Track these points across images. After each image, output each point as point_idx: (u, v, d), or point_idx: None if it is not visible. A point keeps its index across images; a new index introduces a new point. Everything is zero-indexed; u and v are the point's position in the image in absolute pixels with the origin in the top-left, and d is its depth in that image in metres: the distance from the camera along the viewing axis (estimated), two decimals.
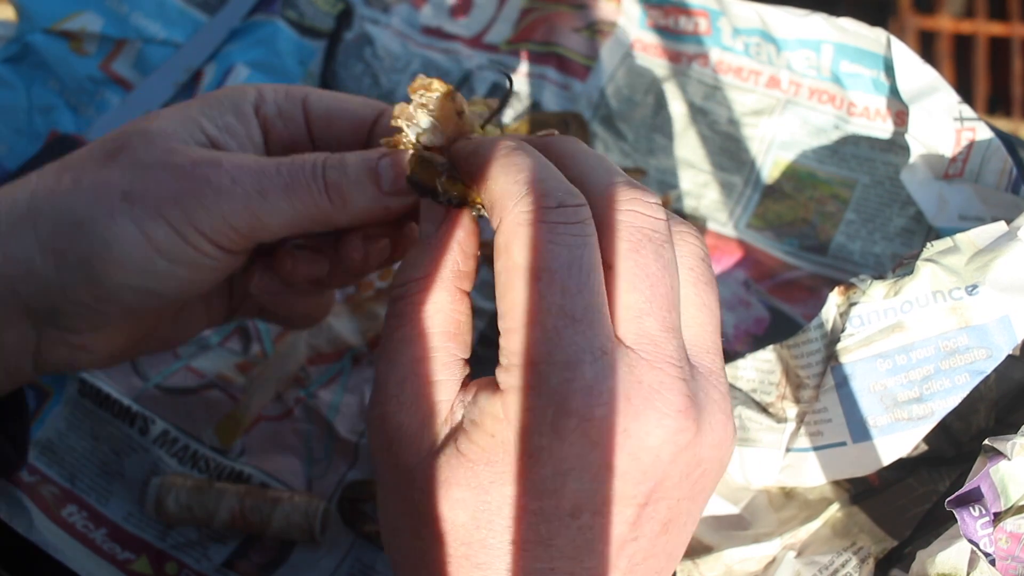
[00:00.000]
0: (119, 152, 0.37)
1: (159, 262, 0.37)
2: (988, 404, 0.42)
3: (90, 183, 0.36)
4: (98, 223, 0.36)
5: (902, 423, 0.40)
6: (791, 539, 0.42)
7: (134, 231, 0.36)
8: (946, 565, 0.36)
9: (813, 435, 0.42)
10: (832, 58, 0.55)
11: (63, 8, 0.62)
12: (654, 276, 0.31)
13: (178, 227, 0.36)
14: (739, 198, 0.56)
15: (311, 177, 0.37)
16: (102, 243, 0.36)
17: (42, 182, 0.37)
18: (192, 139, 0.38)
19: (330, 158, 0.38)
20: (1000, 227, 0.40)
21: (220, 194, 0.36)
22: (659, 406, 0.30)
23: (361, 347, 0.55)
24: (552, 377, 0.29)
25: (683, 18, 0.59)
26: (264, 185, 0.37)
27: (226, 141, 0.39)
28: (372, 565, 0.48)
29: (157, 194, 0.36)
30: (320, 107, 0.41)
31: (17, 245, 0.36)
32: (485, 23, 0.64)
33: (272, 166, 0.37)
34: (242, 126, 0.39)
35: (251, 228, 0.37)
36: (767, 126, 0.57)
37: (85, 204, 0.36)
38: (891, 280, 0.41)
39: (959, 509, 0.35)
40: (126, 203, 0.36)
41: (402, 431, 0.32)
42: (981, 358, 0.39)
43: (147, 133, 0.37)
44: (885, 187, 0.54)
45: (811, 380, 0.42)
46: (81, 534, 0.50)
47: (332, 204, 0.38)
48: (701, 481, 0.32)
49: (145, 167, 0.36)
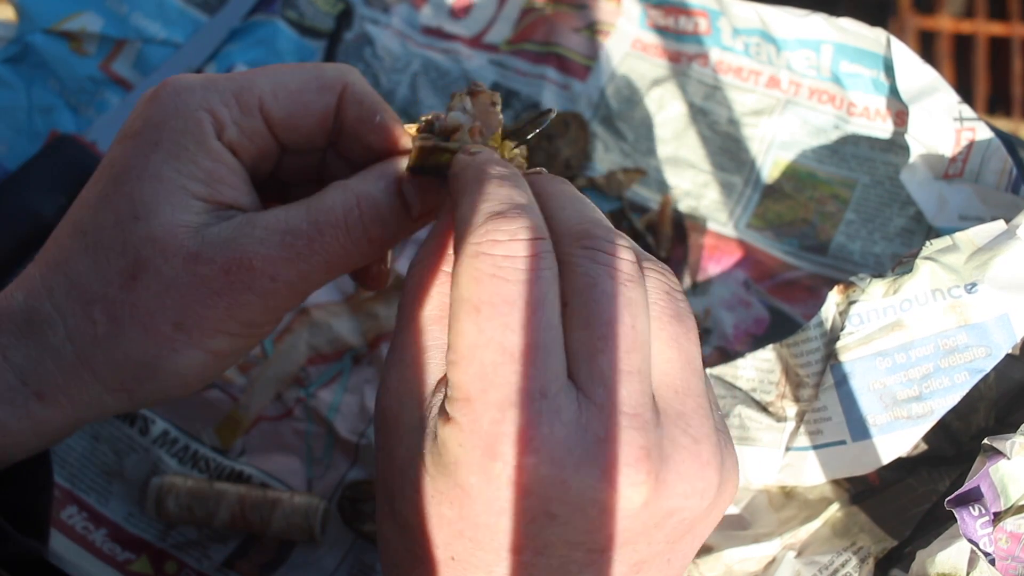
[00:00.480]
0: (139, 272, 0.35)
1: (226, 362, 0.37)
2: (988, 403, 0.42)
3: (130, 320, 0.35)
4: (165, 361, 0.35)
5: (901, 421, 0.40)
6: (791, 539, 0.42)
7: (200, 355, 0.35)
8: (946, 565, 0.36)
9: (813, 434, 0.42)
10: (832, 58, 0.55)
11: (63, 8, 0.62)
12: (610, 313, 0.29)
13: (239, 333, 0.36)
14: (739, 198, 0.56)
15: (351, 239, 0.36)
16: (175, 376, 0.36)
17: (72, 323, 0.35)
18: (192, 214, 0.35)
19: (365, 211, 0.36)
20: (999, 226, 0.40)
21: (266, 296, 0.35)
22: (606, 458, 0.28)
23: (361, 347, 0.55)
24: (483, 416, 0.28)
25: (683, 18, 0.59)
26: (302, 270, 0.35)
27: (218, 192, 0.36)
28: (372, 565, 0.49)
29: (207, 316, 0.35)
30: (279, 112, 0.38)
31: (82, 394, 0.35)
32: (485, 23, 0.64)
33: (304, 245, 0.35)
34: (221, 165, 0.36)
35: (300, 301, 0.37)
36: (767, 126, 0.57)
37: (141, 347, 0.35)
38: (890, 279, 0.41)
39: (959, 509, 0.35)
40: (181, 333, 0.35)
41: (385, 415, 0.32)
42: (980, 356, 0.39)
43: (155, 242, 0.34)
44: (885, 187, 0.54)
45: (811, 379, 0.42)
46: (81, 537, 0.50)
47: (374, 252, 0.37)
48: (682, 528, 0.30)
49: (179, 289, 0.34)
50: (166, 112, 0.36)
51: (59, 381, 0.35)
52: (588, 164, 0.59)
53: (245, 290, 0.35)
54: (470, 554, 0.30)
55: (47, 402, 0.35)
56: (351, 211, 0.36)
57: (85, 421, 0.36)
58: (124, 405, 0.36)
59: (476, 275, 0.29)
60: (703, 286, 0.54)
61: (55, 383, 0.35)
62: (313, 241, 0.35)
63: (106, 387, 0.35)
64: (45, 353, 0.35)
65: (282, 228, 0.35)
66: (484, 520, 0.29)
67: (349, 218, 0.36)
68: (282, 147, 0.39)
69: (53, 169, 0.57)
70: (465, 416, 0.28)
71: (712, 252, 0.55)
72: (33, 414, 0.35)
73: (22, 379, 0.35)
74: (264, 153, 0.38)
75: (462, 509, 0.29)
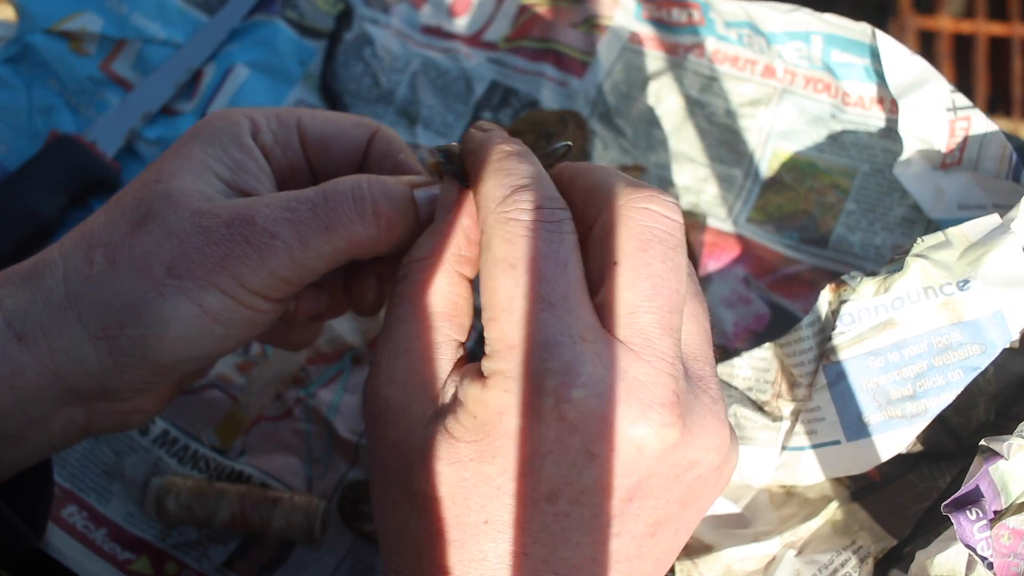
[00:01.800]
0: (146, 221, 0.35)
1: (217, 329, 0.36)
2: (988, 398, 0.42)
3: (127, 261, 0.35)
4: (150, 304, 0.35)
5: (896, 421, 0.40)
6: (791, 537, 0.42)
7: (188, 305, 0.35)
8: (944, 567, 0.36)
9: (808, 433, 0.42)
10: (822, 48, 0.54)
11: (63, 8, 0.62)
12: (657, 276, 0.31)
13: (231, 291, 0.35)
14: (739, 192, 0.56)
15: (356, 210, 0.37)
16: (159, 323, 0.35)
17: (72, 265, 0.35)
18: (212, 189, 0.37)
19: (373, 186, 0.37)
20: (994, 219, 0.40)
21: (263, 252, 0.35)
22: (643, 397, 0.30)
23: (361, 347, 0.55)
24: (529, 358, 0.30)
25: (676, 9, 0.59)
26: (302, 232, 0.36)
27: (242, 179, 0.38)
28: (372, 565, 0.48)
29: (201, 263, 0.35)
30: (315, 131, 0.40)
31: (64, 337, 0.35)
32: (484, 21, 0.64)
33: (307, 209, 0.36)
34: (250, 159, 0.38)
35: (299, 276, 0.36)
36: (765, 116, 0.57)
37: (130, 286, 0.35)
38: (881, 277, 0.41)
39: (955, 513, 0.35)
40: (173, 278, 0.35)
41: (389, 405, 0.33)
42: (975, 354, 0.38)
43: (169, 197, 0.36)
44: (885, 175, 0.53)
45: (804, 379, 0.42)
46: (82, 535, 0.50)
47: (380, 233, 0.37)
48: (696, 487, 0.32)
49: (180, 236, 0.35)
50: (210, 118, 0.39)
51: (43, 321, 0.35)
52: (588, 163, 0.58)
53: (243, 242, 0.35)
54: (506, 512, 0.31)
55: (26, 344, 0.35)
56: (360, 184, 0.37)
57: (62, 379, 0.35)
58: (104, 360, 0.35)
59: (509, 237, 0.31)
60: (702, 284, 0.54)
61: (38, 324, 0.35)
62: (317, 206, 0.36)
63: (88, 331, 0.35)
64: (38, 295, 0.35)
65: (288, 196, 0.37)
66: (527, 467, 0.30)
67: (356, 190, 0.37)
68: (312, 170, 0.41)
69: (53, 169, 0.57)
70: (510, 362, 0.30)
71: (712, 249, 0.55)
72: (10, 357, 0.34)
73: (7, 322, 0.35)
74: (294, 168, 0.40)
75: (505, 460, 0.30)
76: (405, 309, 0.34)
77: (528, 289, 0.31)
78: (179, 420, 0.53)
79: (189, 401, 0.53)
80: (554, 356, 0.30)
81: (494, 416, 0.31)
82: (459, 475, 0.31)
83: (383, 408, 0.33)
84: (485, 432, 0.31)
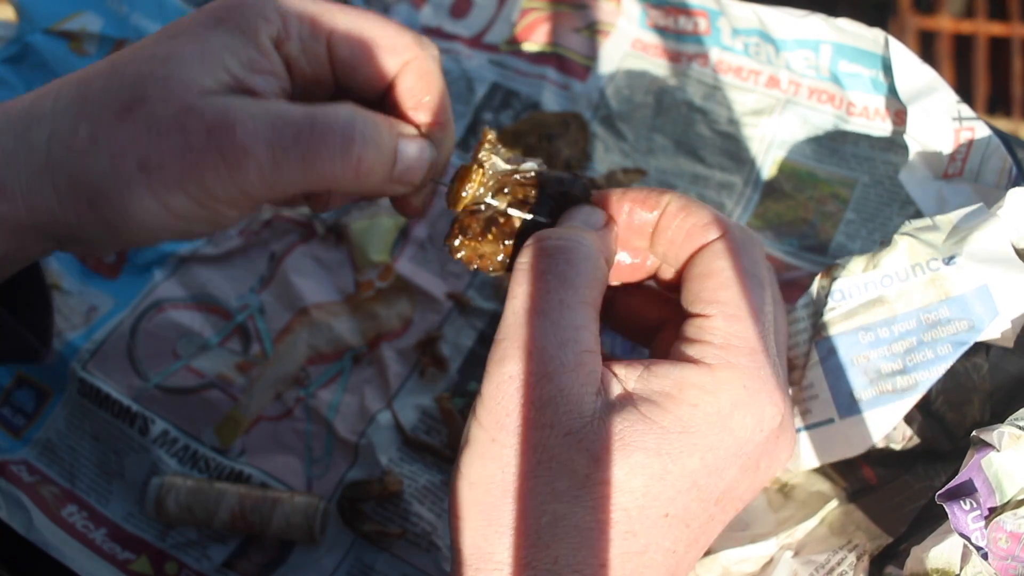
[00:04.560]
0: (136, 105, 0.36)
1: (178, 224, 0.37)
2: (983, 397, 0.42)
3: (106, 145, 0.36)
4: (116, 194, 0.36)
5: (887, 396, 0.40)
6: (788, 539, 0.43)
7: (152, 202, 0.36)
8: (939, 560, 0.36)
9: (803, 413, 0.43)
10: (831, 58, 0.55)
11: (63, 8, 0.62)
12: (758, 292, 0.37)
13: (195, 197, 0.36)
14: (739, 198, 0.56)
15: (339, 150, 0.36)
16: (123, 212, 0.36)
17: (58, 127, 0.36)
18: (215, 81, 0.36)
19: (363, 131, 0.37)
20: (979, 208, 0.41)
21: (233, 168, 0.35)
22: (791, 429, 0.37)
23: (361, 347, 0.55)
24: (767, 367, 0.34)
25: (683, 18, 0.59)
26: (278, 157, 0.36)
27: (250, 79, 0.37)
28: (372, 565, 0.49)
29: (173, 166, 0.35)
30: (345, 51, 0.40)
31: (39, 197, 0.36)
32: (485, 23, 0.64)
33: (290, 134, 0.36)
34: (265, 60, 0.38)
35: (266, 194, 0.37)
36: (767, 126, 0.57)
37: (101, 172, 0.36)
38: (869, 254, 0.42)
39: (949, 504, 0.36)
40: (143, 173, 0.35)
41: (563, 392, 0.32)
42: (963, 329, 0.39)
43: (166, 84, 0.36)
44: (885, 186, 0.54)
45: (800, 360, 0.43)
46: (81, 534, 0.50)
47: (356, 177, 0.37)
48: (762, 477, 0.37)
49: (161, 131, 0.35)
50: (242, 4, 0.38)
51: (22, 177, 0.36)
52: (588, 164, 0.59)
53: (217, 153, 0.35)
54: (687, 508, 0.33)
55: (5, 196, 0.36)
56: (351, 125, 0.37)
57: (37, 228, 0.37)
58: (72, 222, 0.37)
59: (758, 259, 0.36)
60: None
61: (18, 179, 0.36)
62: (301, 134, 0.36)
63: (60, 201, 0.36)
64: (21, 147, 0.36)
65: (277, 113, 0.36)
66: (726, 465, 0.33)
67: (346, 131, 0.36)
68: (337, 83, 0.40)
69: None
70: (753, 362, 0.34)
71: None
72: None
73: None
74: (318, 80, 0.40)
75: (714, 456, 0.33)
76: (571, 296, 0.34)
77: (770, 312, 0.36)
78: (179, 420, 0.53)
79: (189, 401, 0.53)
80: (779, 375, 0.35)
81: (725, 408, 0.32)
82: (663, 466, 0.32)
83: (556, 395, 0.32)
84: (706, 423, 0.32)
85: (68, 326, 0.54)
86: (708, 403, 0.32)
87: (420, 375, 0.54)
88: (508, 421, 0.33)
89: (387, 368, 0.54)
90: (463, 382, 0.53)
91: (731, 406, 0.32)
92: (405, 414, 0.52)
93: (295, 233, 0.58)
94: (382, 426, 0.52)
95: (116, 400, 0.52)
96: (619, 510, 0.31)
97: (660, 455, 0.32)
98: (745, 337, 0.34)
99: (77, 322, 0.55)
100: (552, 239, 0.36)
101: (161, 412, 0.53)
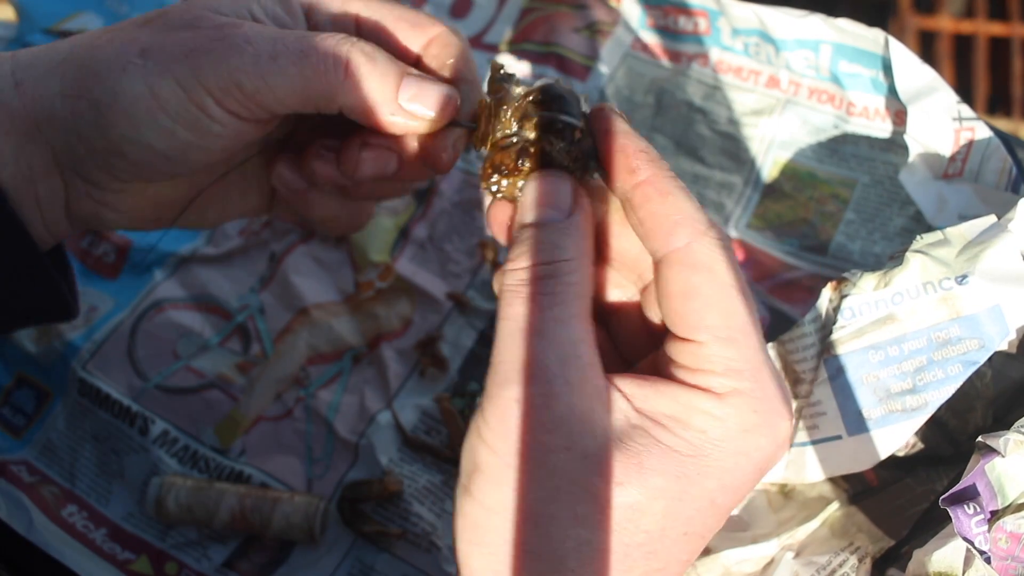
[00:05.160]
0: (158, 17, 0.39)
1: (162, 119, 0.38)
2: (985, 402, 0.42)
3: (118, 38, 0.38)
4: (111, 74, 0.37)
5: (896, 415, 0.40)
6: (789, 540, 0.42)
7: (140, 85, 0.37)
8: (942, 563, 0.36)
9: (810, 429, 0.42)
10: (831, 58, 0.55)
11: (63, 8, 0.62)
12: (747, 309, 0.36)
13: (184, 84, 0.37)
14: (739, 198, 0.56)
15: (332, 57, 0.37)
16: (111, 94, 0.37)
17: (85, 37, 0.39)
18: (235, 15, 0.38)
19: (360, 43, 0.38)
20: (990, 219, 0.41)
21: (230, 51, 0.37)
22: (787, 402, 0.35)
23: (361, 347, 0.55)
24: (771, 384, 0.33)
25: (683, 18, 0.59)
26: (277, 49, 0.37)
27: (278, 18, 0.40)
28: (372, 565, 0.49)
29: (171, 52, 0.37)
30: (370, 25, 0.41)
31: (44, 88, 0.38)
32: (485, 23, 0.64)
33: (292, 35, 0.38)
34: (290, 18, 0.40)
35: (256, 90, 0.37)
36: (767, 126, 0.57)
37: (106, 57, 0.38)
38: (881, 272, 0.41)
39: (953, 507, 0.36)
40: (141, 58, 0.37)
41: (574, 412, 0.32)
42: (973, 348, 0.39)
43: (192, 2, 0.39)
44: (885, 187, 0.54)
45: (807, 375, 0.43)
46: (81, 534, 0.50)
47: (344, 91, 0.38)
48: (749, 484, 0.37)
49: (171, 28, 0.38)
50: None
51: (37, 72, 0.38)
52: None
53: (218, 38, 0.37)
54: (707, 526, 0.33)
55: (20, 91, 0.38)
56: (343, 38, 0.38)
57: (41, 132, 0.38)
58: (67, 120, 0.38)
59: (732, 265, 0.33)
60: None
61: (33, 73, 0.38)
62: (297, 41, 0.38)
63: (62, 87, 0.38)
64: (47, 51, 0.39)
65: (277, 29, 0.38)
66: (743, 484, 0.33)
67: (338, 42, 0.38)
68: None
69: None
70: (757, 385, 0.33)
71: None
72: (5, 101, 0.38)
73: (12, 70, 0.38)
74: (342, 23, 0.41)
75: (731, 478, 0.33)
76: (563, 311, 0.33)
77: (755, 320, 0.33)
78: (179, 420, 0.53)
79: (189, 401, 0.53)
80: (783, 387, 0.33)
81: (736, 434, 0.32)
82: (683, 491, 0.32)
83: (566, 416, 0.32)
84: (715, 448, 0.32)
85: (68, 326, 0.54)
86: (715, 428, 0.32)
87: (420, 375, 0.53)
88: (521, 446, 0.32)
89: (387, 368, 0.54)
90: (463, 382, 0.53)
91: (741, 431, 0.32)
92: (405, 414, 0.52)
93: (295, 233, 0.58)
94: (382, 426, 0.52)
95: (116, 400, 0.52)
96: (641, 532, 0.32)
97: (679, 479, 0.32)
98: (745, 359, 0.32)
99: (77, 322, 0.55)
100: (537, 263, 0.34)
101: (161, 412, 0.53)
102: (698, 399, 0.32)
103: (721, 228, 0.35)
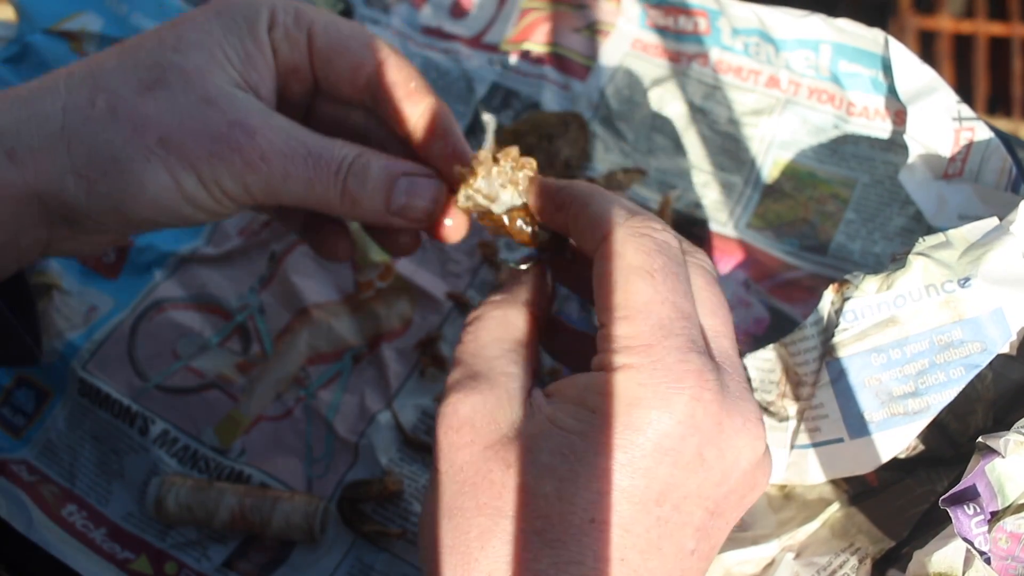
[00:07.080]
0: (156, 86, 0.38)
1: (185, 207, 0.39)
2: (986, 404, 0.42)
3: (127, 116, 0.37)
4: (134, 164, 0.37)
5: (898, 418, 0.40)
6: (789, 540, 0.42)
7: (168, 179, 0.38)
8: (942, 564, 0.36)
9: (811, 431, 0.42)
10: (831, 58, 0.55)
11: (63, 8, 0.62)
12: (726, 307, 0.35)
13: (206, 183, 0.38)
14: (739, 198, 0.56)
15: (333, 179, 0.40)
16: (137, 184, 0.38)
17: (73, 99, 0.38)
18: (222, 76, 0.39)
19: (356, 163, 0.40)
20: (992, 222, 0.40)
21: (248, 167, 0.38)
22: (744, 410, 0.33)
23: (361, 347, 0.55)
24: (667, 357, 0.32)
25: (683, 18, 0.59)
26: (289, 170, 0.39)
27: (248, 74, 0.40)
28: (372, 565, 0.49)
29: (193, 148, 0.37)
30: (323, 42, 0.42)
31: (50, 164, 0.37)
32: (485, 23, 0.64)
33: (301, 155, 0.39)
34: (260, 54, 0.40)
35: (267, 197, 0.40)
36: (767, 126, 0.57)
37: (122, 141, 0.37)
38: (883, 274, 0.41)
39: (953, 508, 0.36)
40: (162, 149, 0.37)
41: (477, 411, 0.34)
42: (976, 351, 0.39)
43: (184, 73, 0.38)
44: (885, 186, 0.54)
45: (808, 377, 0.43)
46: (81, 533, 0.50)
47: (343, 206, 0.40)
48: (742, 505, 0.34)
49: (183, 113, 0.38)
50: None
51: (34, 143, 0.37)
52: (588, 164, 0.59)
53: (236, 149, 0.38)
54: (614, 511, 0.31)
55: (15, 161, 0.37)
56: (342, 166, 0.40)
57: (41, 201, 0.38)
58: (80, 196, 0.38)
59: (644, 249, 0.33)
60: None
61: (29, 145, 0.37)
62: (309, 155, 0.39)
63: (73, 165, 0.37)
64: (33, 118, 0.37)
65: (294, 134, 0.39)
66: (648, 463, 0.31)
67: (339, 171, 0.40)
68: (314, 74, 0.43)
69: None
70: (647, 358, 0.32)
71: (713, 252, 0.55)
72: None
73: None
74: (297, 67, 0.42)
75: (626, 455, 0.31)
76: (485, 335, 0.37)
77: (664, 298, 0.33)
78: (179, 420, 0.53)
79: (189, 401, 0.53)
80: (689, 360, 0.32)
81: (622, 408, 0.31)
82: (572, 470, 0.31)
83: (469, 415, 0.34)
84: (606, 425, 0.31)
85: (68, 326, 0.54)
86: (603, 404, 0.32)
87: (420, 375, 0.54)
88: (440, 448, 0.34)
89: (387, 368, 0.54)
90: None
91: (627, 405, 0.31)
92: (405, 414, 0.52)
93: (295, 233, 0.57)
94: (382, 426, 0.52)
95: (116, 400, 0.52)
96: (538, 518, 0.31)
97: (565, 456, 0.31)
98: (638, 335, 0.32)
99: (77, 322, 0.55)
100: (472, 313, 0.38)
101: (161, 412, 0.53)
102: (594, 379, 0.33)
103: (649, 216, 0.35)
